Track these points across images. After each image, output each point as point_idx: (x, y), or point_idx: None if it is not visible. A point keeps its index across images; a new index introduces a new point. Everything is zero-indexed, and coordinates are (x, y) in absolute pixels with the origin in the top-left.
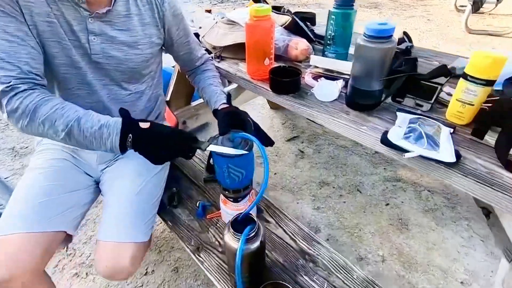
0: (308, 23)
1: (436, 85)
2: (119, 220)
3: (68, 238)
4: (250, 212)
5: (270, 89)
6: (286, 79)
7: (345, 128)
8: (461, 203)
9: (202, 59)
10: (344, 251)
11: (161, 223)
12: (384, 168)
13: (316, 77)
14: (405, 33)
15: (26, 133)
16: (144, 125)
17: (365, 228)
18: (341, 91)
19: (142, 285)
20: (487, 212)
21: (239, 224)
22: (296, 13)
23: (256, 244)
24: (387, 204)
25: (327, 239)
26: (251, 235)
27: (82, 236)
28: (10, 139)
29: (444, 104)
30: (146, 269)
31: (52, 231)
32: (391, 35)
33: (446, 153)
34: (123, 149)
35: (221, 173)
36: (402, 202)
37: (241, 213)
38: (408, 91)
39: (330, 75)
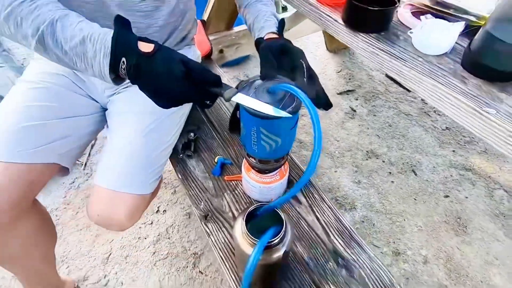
0: None
1: None
2: (119, 165)
3: (64, 170)
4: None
5: (343, 21)
6: (371, 8)
7: (455, 106)
8: None
9: None
10: (380, 239)
11: None
12: (453, 151)
13: (419, 12)
14: None
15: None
16: (146, 47)
17: (412, 219)
18: (457, 42)
19: (151, 223)
20: None
21: (258, 220)
22: None
23: (278, 254)
24: (447, 196)
25: (362, 221)
26: (273, 243)
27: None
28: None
29: None
30: (158, 207)
31: (38, 163)
32: None
33: None
34: (116, 78)
35: (248, 136)
36: (467, 197)
37: (263, 204)
38: None
39: (444, 12)
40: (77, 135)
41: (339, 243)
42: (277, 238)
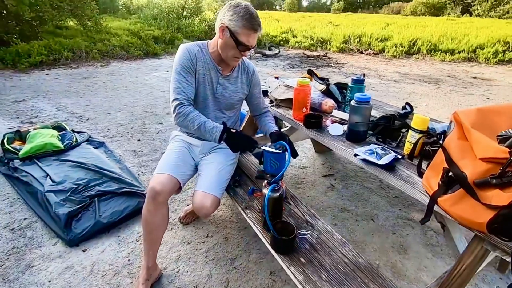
0: (344, 90)
1: (400, 132)
2: (208, 182)
3: (178, 190)
4: (278, 181)
5: (304, 126)
6: (312, 120)
7: (340, 149)
8: None
9: (265, 109)
10: None
11: (219, 211)
12: (400, 209)
13: (334, 122)
14: (407, 103)
15: (179, 125)
16: (233, 130)
17: (370, 245)
18: (345, 131)
19: (204, 242)
20: (442, 225)
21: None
22: (336, 83)
23: (277, 194)
24: (394, 233)
25: None
26: (275, 189)
27: (172, 209)
28: (132, 145)
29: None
30: (207, 234)
31: (176, 178)
32: (368, 101)
33: (381, 161)
34: (220, 140)
35: (266, 163)
36: (408, 234)
37: (274, 179)
38: (385, 135)
39: (343, 122)
40: (186, 173)
41: (308, 217)
42: (277, 187)
